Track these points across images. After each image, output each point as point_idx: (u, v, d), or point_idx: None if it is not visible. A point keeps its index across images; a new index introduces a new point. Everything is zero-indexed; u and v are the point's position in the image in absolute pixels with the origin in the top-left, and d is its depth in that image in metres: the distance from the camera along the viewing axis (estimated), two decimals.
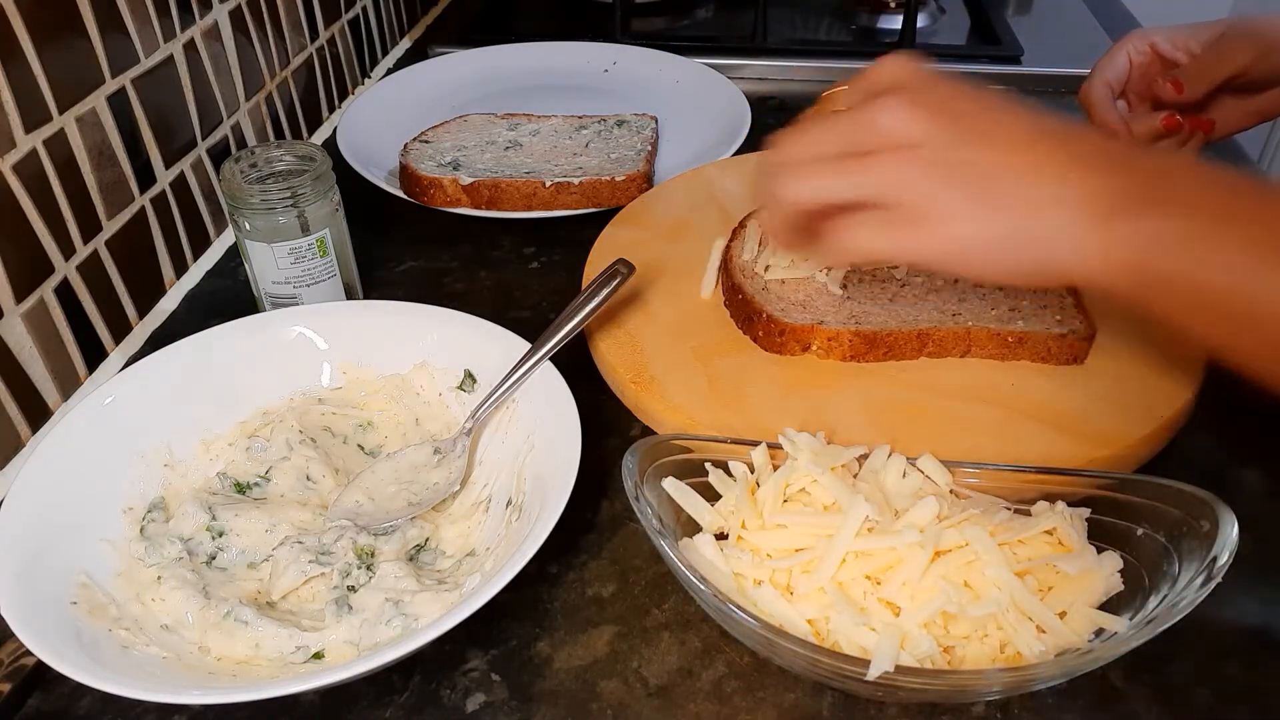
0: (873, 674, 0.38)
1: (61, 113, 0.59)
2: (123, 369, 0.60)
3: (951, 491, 0.48)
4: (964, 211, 0.41)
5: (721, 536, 0.47)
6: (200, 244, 0.75)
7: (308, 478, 0.54)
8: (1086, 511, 0.46)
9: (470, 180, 0.76)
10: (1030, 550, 0.44)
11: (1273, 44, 0.64)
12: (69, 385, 0.61)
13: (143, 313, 0.69)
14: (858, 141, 0.43)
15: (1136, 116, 0.71)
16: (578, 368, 0.57)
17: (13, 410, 0.57)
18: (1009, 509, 0.47)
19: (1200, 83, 0.66)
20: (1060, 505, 0.46)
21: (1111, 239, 0.40)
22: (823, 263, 0.46)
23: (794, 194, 0.44)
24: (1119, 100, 0.71)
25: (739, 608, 0.41)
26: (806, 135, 0.45)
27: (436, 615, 0.44)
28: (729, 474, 0.49)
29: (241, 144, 0.80)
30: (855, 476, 0.48)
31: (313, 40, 0.91)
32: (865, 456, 0.49)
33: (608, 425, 0.59)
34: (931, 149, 0.41)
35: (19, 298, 0.57)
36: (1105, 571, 0.43)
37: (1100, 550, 0.45)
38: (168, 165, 0.70)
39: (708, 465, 0.49)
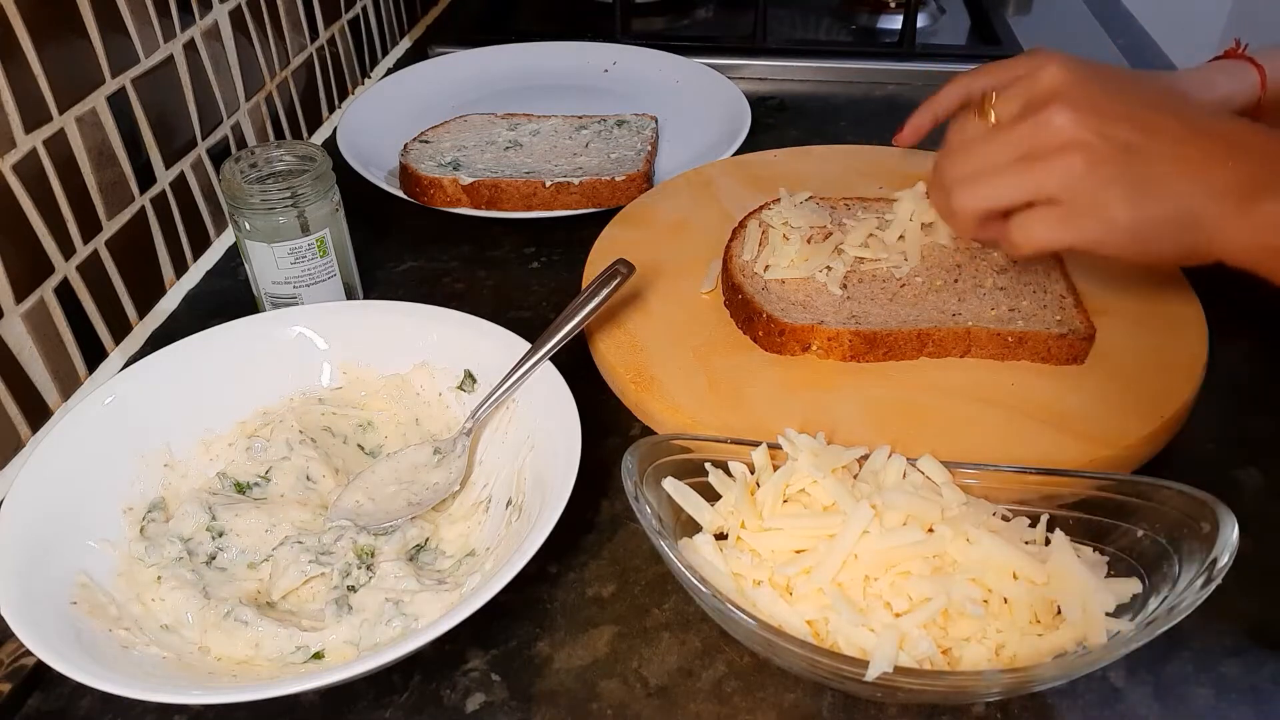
0: (871, 675, 0.38)
1: (61, 113, 0.59)
2: (123, 369, 0.60)
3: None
4: (1125, 201, 0.47)
5: (721, 537, 0.47)
6: (200, 244, 0.76)
7: (308, 478, 0.54)
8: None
9: (470, 180, 0.76)
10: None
11: None
12: (69, 385, 0.61)
13: (143, 313, 0.69)
14: (1032, 147, 0.49)
15: None
16: (578, 368, 0.57)
17: (13, 410, 0.57)
18: (1001, 514, 0.47)
19: None
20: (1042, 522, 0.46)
21: (1255, 222, 0.45)
22: (1013, 255, 0.54)
23: (977, 201, 0.51)
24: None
25: (738, 608, 0.41)
26: (978, 148, 0.51)
27: (436, 615, 0.44)
28: (729, 474, 0.49)
29: (241, 144, 0.80)
30: (855, 477, 0.48)
31: (313, 40, 0.91)
32: (865, 457, 0.49)
33: (608, 425, 0.59)
34: (1098, 148, 0.47)
35: (19, 298, 0.57)
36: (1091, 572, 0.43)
37: (1100, 552, 0.45)
38: (168, 165, 0.70)
39: (707, 465, 0.49)
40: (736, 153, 0.83)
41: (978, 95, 0.68)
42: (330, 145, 0.88)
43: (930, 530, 0.44)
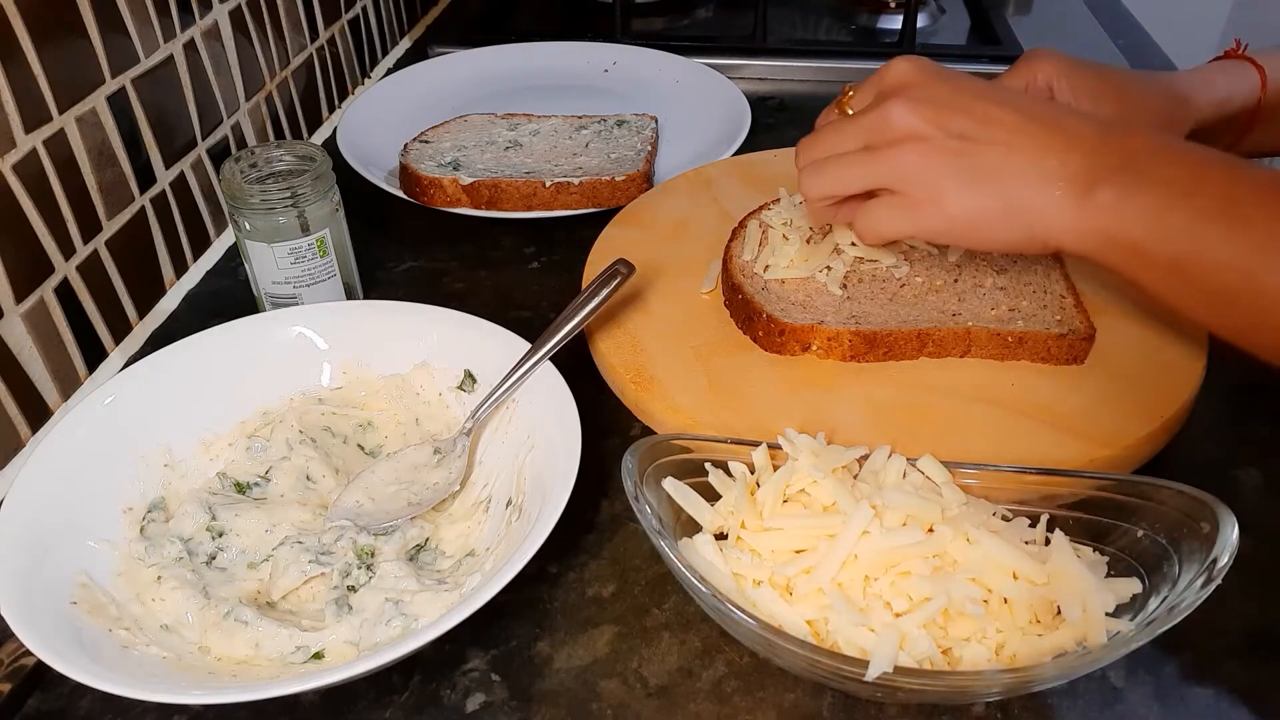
0: (871, 675, 0.38)
1: (61, 113, 0.59)
2: (123, 369, 0.60)
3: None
4: (961, 190, 0.48)
5: (721, 537, 0.47)
6: (200, 244, 0.76)
7: (308, 478, 0.54)
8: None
9: (470, 180, 0.76)
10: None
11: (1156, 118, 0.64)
12: (69, 385, 0.61)
13: (143, 313, 0.69)
14: (871, 138, 0.50)
15: None
16: (578, 368, 0.57)
17: (13, 410, 0.57)
18: (1001, 514, 0.47)
19: None
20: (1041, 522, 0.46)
21: (1090, 210, 0.46)
22: (864, 242, 0.54)
23: (820, 188, 0.53)
24: None
25: (738, 608, 0.41)
26: (827, 136, 0.52)
27: (436, 615, 0.44)
28: (729, 474, 0.49)
29: (241, 144, 0.80)
30: (855, 477, 0.48)
31: (313, 40, 0.91)
32: (865, 457, 0.49)
33: (608, 425, 0.59)
34: (933, 139, 0.48)
35: (19, 298, 0.57)
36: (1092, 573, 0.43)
37: (1100, 552, 0.45)
38: (168, 165, 0.70)
39: (707, 465, 0.49)
40: (736, 153, 0.83)
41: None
42: (330, 145, 0.88)
43: (930, 530, 0.44)
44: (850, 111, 0.54)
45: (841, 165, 0.51)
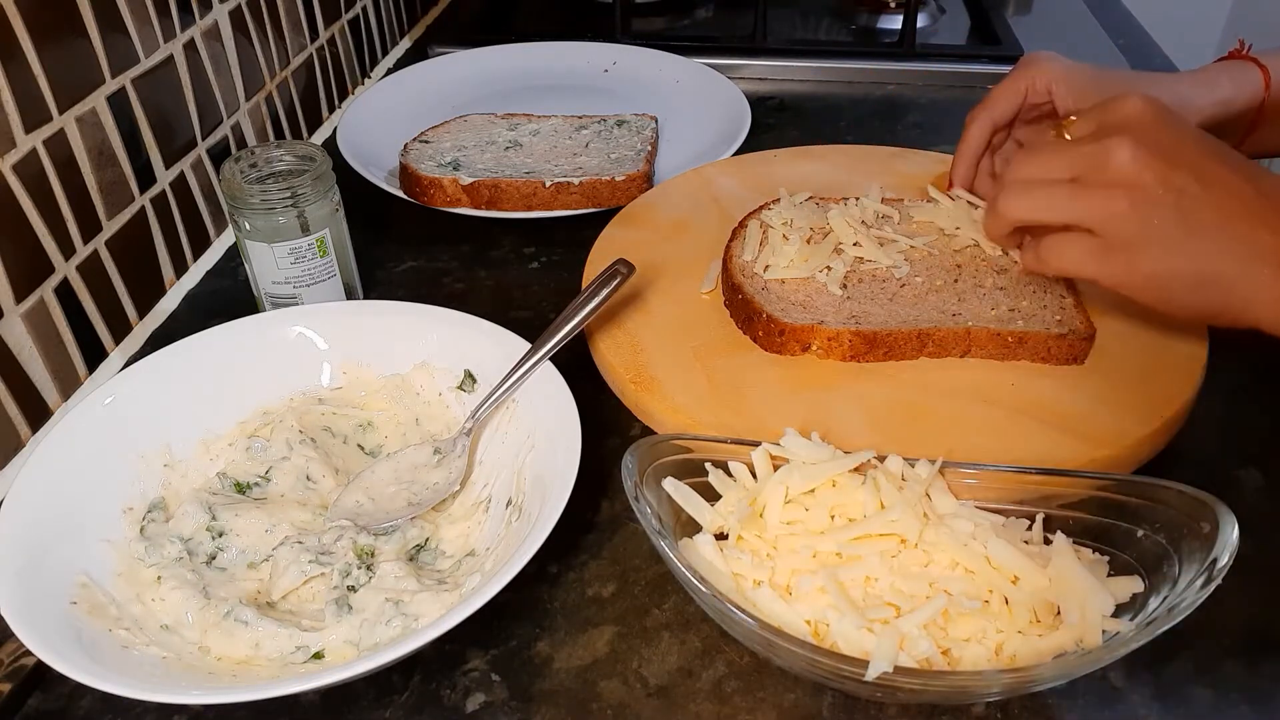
0: (871, 675, 0.38)
1: (61, 113, 0.59)
2: (123, 369, 0.60)
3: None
4: (1161, 250, 0.46)
5: (721, 537, 0.47)
6: (200, 244, 0.76)
7: (308, 478, 0.54)
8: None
9: (470, 180, 0.76)
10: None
11: None
12: (69, 385, 0.61)
13: (143, 313, 0.69)
14: (1087, 171, 0.48)
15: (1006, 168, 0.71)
16: (578, 368, 0.57)
17: (13, 410, 0.57)
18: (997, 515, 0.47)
19: None
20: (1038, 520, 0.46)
21: None
22: (1030, 268, 0.52)
23: (1021, 210, 0.51)
24: (1008, 133, 0.71)
25: (738, 608, 0.41)
26: (1041, 157, 0.50)
27: (436, 615, 0.44)
28: (729, 474, 0.49)
29: (241, 144, 0.80)
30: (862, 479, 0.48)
31: (313, 40, 0.91)
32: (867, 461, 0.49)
33: (608, 425, 0.59)
34: (1149, 190, 0.46)
35: (19, 298, 0.57)
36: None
37: (1100, 552, 0.45)
38: (168, 165, 0.70)
39: (708, 465, 0.49)
40: (736, 153, 0.83)
41: (1002, 120, 0.68)
42: (330, 145, 0.88)
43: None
44: (1068, 137, 0.51)
45: (1051, 193, 0.49)
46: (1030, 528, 0.46)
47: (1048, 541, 0.45)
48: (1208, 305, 0.47)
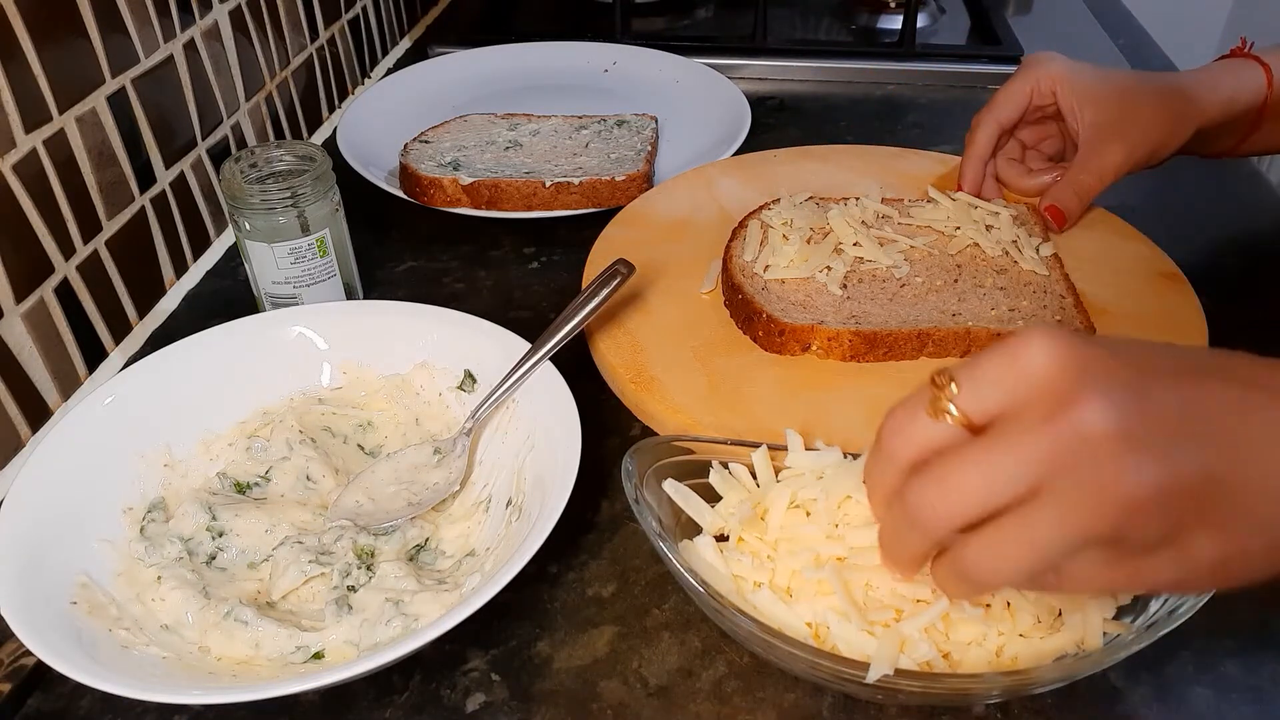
0: (872, 677, 0.38)
1: (61, 113, 0.59)
2: (123, 369, 0.60)
3: None
4: (1215, 521, 0.32)
5: (722, 538, 0.47)
6: (200, 244, 0.75)
7: (308, 478, 0.54)
8: None
9: (470, 180, 0.76)
10: None
11: (1152, 127, 0.63)
12: (69, 385, 0.61)
13: (143, 313, 0.69)
14: (1062, 469, 0.31)
15: (1014, 171, 0.71)
16: (578, 368, 0.57)
17: (13, 410, 0.57)
18: None
19: (1075, 201, 0.67)
20: None
21: None
22: (1058, 594, 0.39)
23: (1002, 573, 0.33)
24: (1012, 134, 0.71)
25: (739, 610, 0.41)
26: (969, 480, 0.33)
27: (436, 615, 0.44)
28: (730, 475, 0.49)
29: (241, 144, 0.80)
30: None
31: (313, 40, 0.91)
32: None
33: (608, 425, 0.59)
34: (1161, 452, 0.31)
35: (19, 298, 0.57)
36: None
37: None
38: (168, 165, 0.70)
39: (713, 464, 0.49)
40: (736, 153, 0.83)
41: (1008, 123, 0.66)
42: (330, 145, 0.88)
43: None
44: (951, 410, 0.33)
45: (1028, 530, 0.32)
46: None
47: None
48: None
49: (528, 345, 0.55)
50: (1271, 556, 0.33)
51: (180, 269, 0.73)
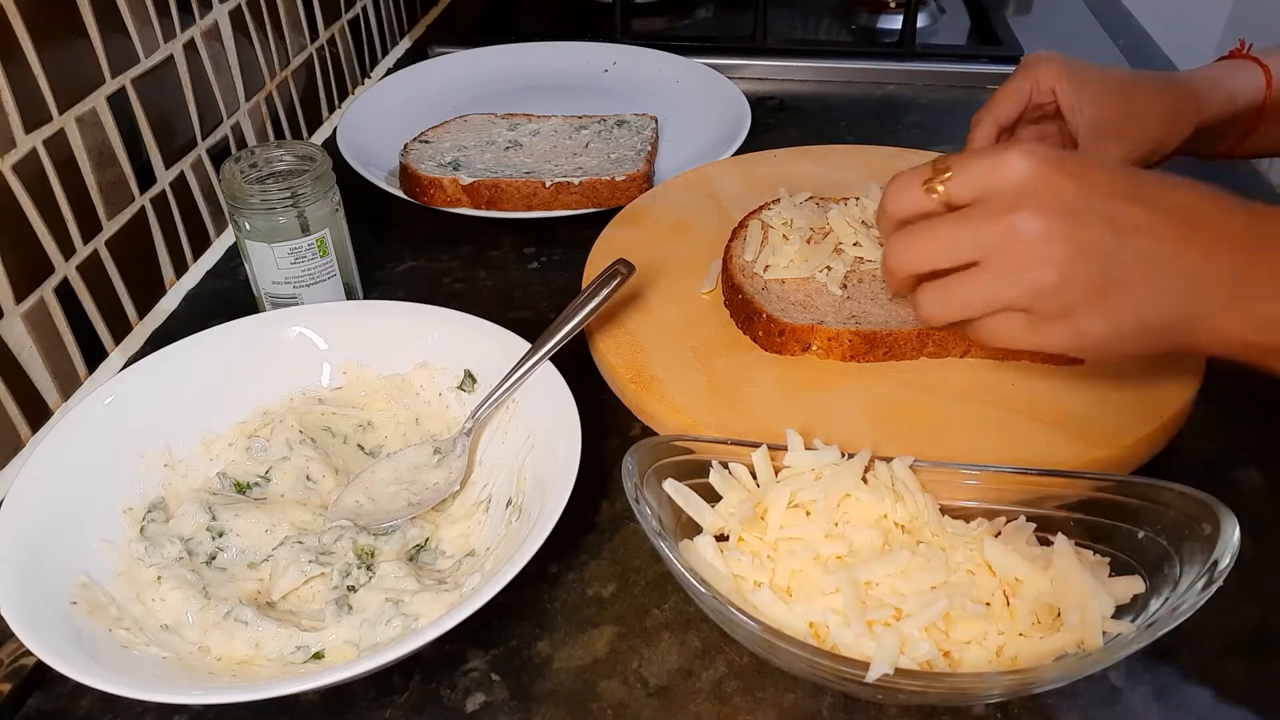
0: (872, 676, 0.38)
1: (61, 113, 0.59)
2: (123, 369, 0.60)
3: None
4: (1097, 313, 0.43)
5: (722, 538, 0.47)
6: (200, 244, 0.75)
7: (308, 478, 0.54)
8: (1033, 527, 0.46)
9: (470, 180, 0.76)
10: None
11: (1152, 128, 0.63)
12: (69, 385, 0.61)
13: (143, 313, 0.69)
14: (990, 253, 0.43)
15: None
16: (578, 368, 0.57)
17: (13, 410, 0.57)
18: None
19: None
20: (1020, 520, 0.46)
21: (1248, 323, 0.43)
22: (982, 342, 0.48)
23: (942, 312, 0.46)
24: (1013, 133, 0.71)
25: (739, 610, 0.41)
26: (931, 239, 0.45)
27: (436, 615, 0.44)
28: (730, 474, 0.49)
29: (241, 144, 0.80)
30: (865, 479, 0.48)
31: (313, 40, 0.91)
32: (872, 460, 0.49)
33: (608, 425, 0.59)
34: (1065, 260, 0.42)
35: (19, 298, 0.57)
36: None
37: (1101, 553, 0.45)
38: (168, 165, 0.70)
39: (713, 464, 0.49)
40: (736, 153, 0.83)
41: (1007, 121, 0.66)
42: (330, 145, 0.88)
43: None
44: (940, 190, 0.45)
45: (967, 288, 0.44)
46: (1034, 525, 0.46)
47: (1048, 543, 0.45)
48: (1159, 347, 0.44)
49: (528, 345, 0.55)
50: (1144, 340, 0.44)
51: (180, 269, 0.73)
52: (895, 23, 1.13)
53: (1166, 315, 0.43)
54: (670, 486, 0.47)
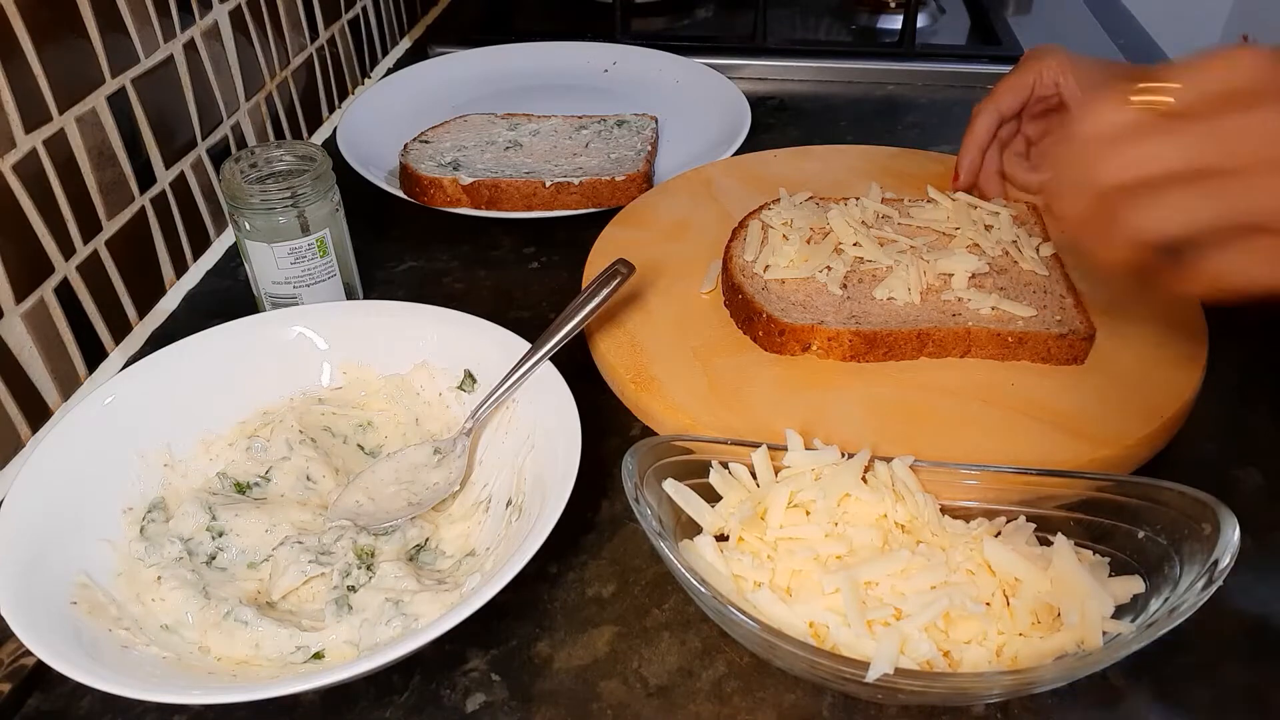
0: (872, 676, 0.38)
1: (61, 113, 0.59)
2: (123, 369, 0.60)
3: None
4: None
5: (722, 538, 0.47)
6: (200, 244, 0.75)
7: (308, 478, 0.54)
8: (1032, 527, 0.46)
9: (470, 180, 0.76)
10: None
11: None
12: (69, 385, 0.61)
13: (143, 313, 0.69)
14: (1224, 158, 0.37)
15: (1019, 167, 0.70)
16: (578, 368, 0.57)
17: (13, 410, 0.57)
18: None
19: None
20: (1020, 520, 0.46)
21: None
22: (1187, 293, 0.41)
23: (1155, 225, 0.38)
24: (1018, 129, 0.71)
25: (739, 610, 0.41)
26: (1149, 146, 0.38)
27: (436, 615, 0.44)
28: (730, 475, 0.49)
29: (241, 144, 0.80)
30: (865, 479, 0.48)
31: (313, 40, 0.91)
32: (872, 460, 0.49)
33: (608, 425, 0.59)
34: None
35: (19, 298, 0.57)
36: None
37: (1101, 553, 0.45)
38: (168, 165, 0.70)
39: (713, 464, 0.49)
40: (736, 153, 0.83)
41: (1009, 113, 0.66)
42: (330, 145, 0.88)
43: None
44: (1163, 101, 0.38)
45: (1187, 195, 0.37)
46: (1035, 525, 0.46)
47: (1048, 543, 0.45)
48: None
49: (528, 345, 0.55)
50: None
51: (180, 269, 0.73)
52: (895, 23, 1.13)
53: None
54: (670, 486, 0.47)
